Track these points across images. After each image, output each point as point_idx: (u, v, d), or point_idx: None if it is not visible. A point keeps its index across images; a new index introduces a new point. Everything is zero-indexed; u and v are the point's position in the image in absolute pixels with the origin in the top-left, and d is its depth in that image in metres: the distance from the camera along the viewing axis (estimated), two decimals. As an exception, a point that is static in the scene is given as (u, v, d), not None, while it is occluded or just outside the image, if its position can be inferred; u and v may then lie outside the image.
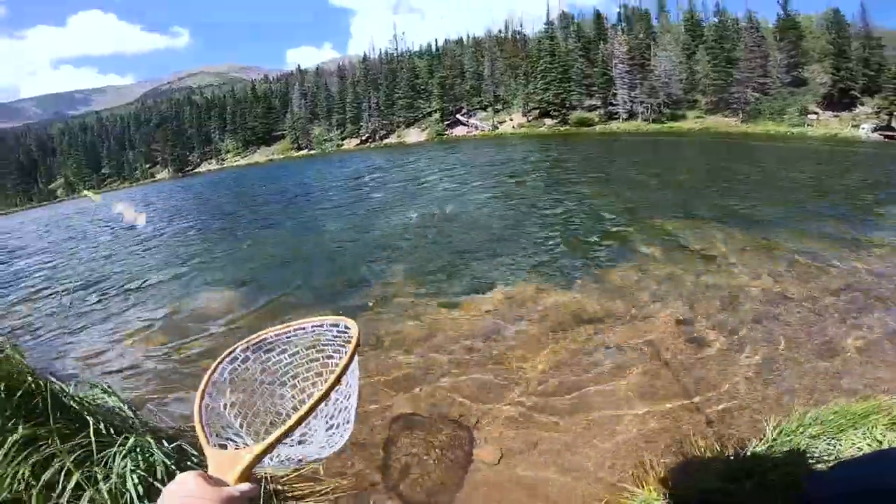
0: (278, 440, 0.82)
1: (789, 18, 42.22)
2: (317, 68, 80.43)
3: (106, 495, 1.45)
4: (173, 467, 1.69)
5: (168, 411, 2.69)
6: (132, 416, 2.04)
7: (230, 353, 1.15)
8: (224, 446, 0.90)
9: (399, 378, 2.99)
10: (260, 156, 61.93)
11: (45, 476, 1.42)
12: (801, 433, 1.88)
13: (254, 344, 1.20)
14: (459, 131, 49.86)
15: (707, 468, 1.90)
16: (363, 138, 55.98)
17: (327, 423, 1.14)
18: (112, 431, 1.73)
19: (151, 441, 1.71)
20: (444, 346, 3.38)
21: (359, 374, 1.16)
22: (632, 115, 40.96)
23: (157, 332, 4.28)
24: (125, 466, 1.58)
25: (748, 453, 1.87)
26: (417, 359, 3.23)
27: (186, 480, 0.55)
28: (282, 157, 58.22)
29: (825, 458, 1.79)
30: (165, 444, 1.76)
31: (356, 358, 1.06)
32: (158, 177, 66.21)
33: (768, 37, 40.68)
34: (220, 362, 1.10)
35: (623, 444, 2.22)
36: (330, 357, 1.23)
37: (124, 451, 1.59)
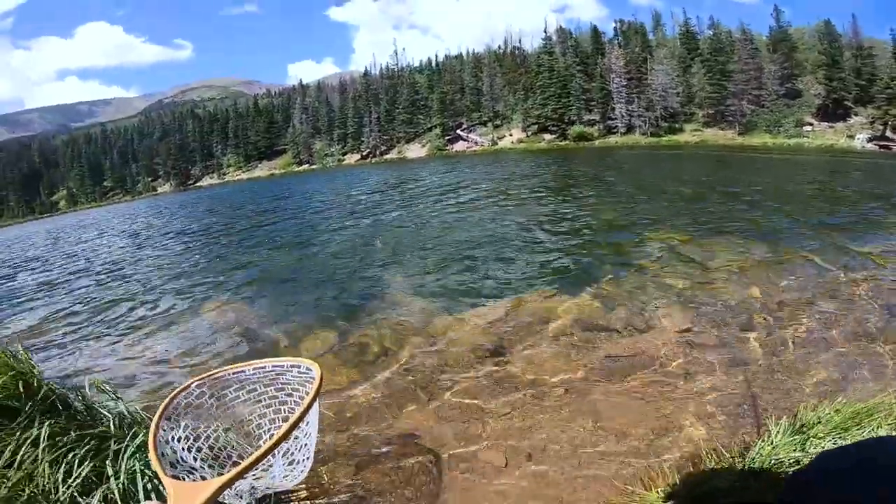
0: (240, 474, 0.83)
1: (782, 31, 42.93)
2: (318, 83, 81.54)
3: (116, 492, 1.46)
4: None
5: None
6: (139, 418, 2.04)
7: (185, 387, 1.17)
8: (180, 478, 0.92)
9: (404, 383, 3.00)
10: (261, 170, 62.44)
11: (61, 470, 1.43)
12: (806, 433, 1.89)
13: (213, 379, 1.23)
14: (459, 146, 50.27)
15: (715, 470, 1.90)
16: (364, 153, 56.51)
17: (287, 458, 1.17)
18: (122, 431, 1.75)
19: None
20: (451, 352, 3.39)
21: (318, 412, 1.18)
22: (630, 129, 41.27)
23: (162, 344, 4.29)
24: (133, 465, 1.59)
25: (755, 455, 1.87)
26: (424, 363, 3.25)
27: None
28: (282, 171, 58.63)
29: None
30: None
31: (318, 398, 1.08)
32: (160, 190, 66.68)
33: (762, 49, 41.34)
34: (174, 397, 1.12)
35: (630, 448, 2.22)
36: (289, 395, 1.24)
37: (133, 449, 1.60)
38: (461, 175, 19.95)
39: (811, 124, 36.29)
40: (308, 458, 1.20)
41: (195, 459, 1.09)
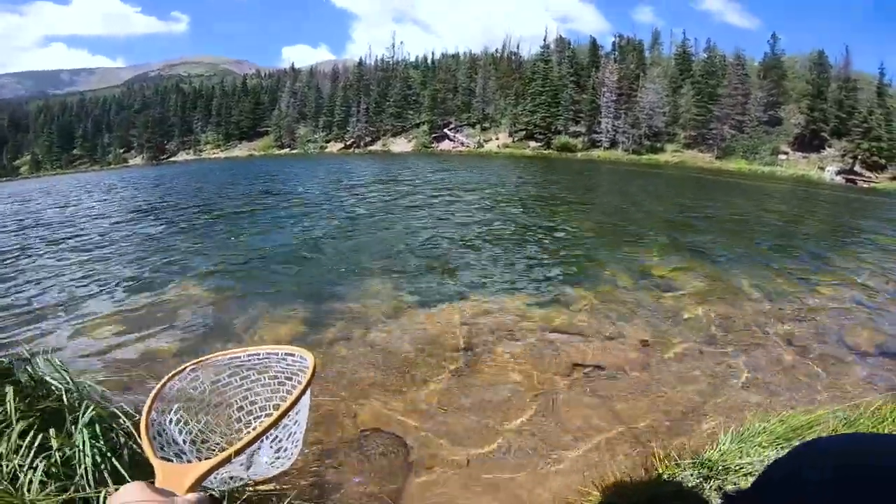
0: (229, 458, 0.84)
1: (775, 57, 43.61)
2: (311, 68, 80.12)
3: (58, 466, 1.41)
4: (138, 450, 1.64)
5: (129, 399, 2.60)
6: (92, 393, 1.97)
7: (180, 371, 1.16)
8: (168, 460, 0.91)
9: (372, 378, 2.99)
10: (240, 150, 60.91)
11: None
12: (751, 441, 1.98)
13: (207, 364, 1.21)
14: (445, 145, 50.13)
15: (667, 475, 1.97)
16: (348, 143, 55.80)
17: (275, 445, 1.18)
18: (73, 406, 1.68)
19: (120, 414, 1.68)
20: (417, 354, 3.40)
21: (309, 402, 1.17)
22: (614, 144, 41.70)
23: (123, 322, 4.14)
24: (83, 439, 1.53)
25: (704, 460, 1.94)
26: (392, 359, 3.25)
27: (131, 489, 0.55)
28: (262, 153, 57.36)
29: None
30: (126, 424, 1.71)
31: (310, 388, 1.08)
32: (132, 162, 64.14)
33: (752, 75, 41.78)
34: (168, 379, 1.12)
35: (589, 450, 2.29)
36: (282, 384, 1.24)
37: (84, 423, 1.54)
38: (451, 175, 19.98)
39: (786, 153, 37.51)
40: (296, 446, 1.21)
41: (184, 442, 1.10)
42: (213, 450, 1.16)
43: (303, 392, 1.03)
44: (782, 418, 2.13)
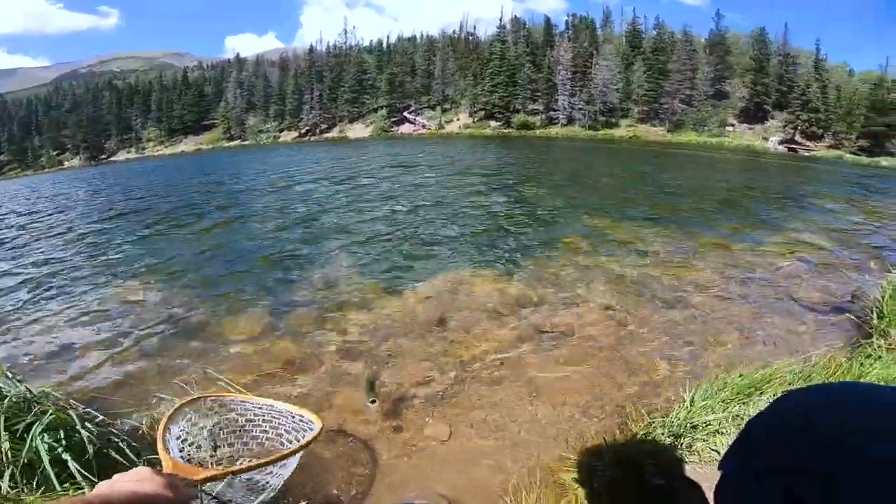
0: (238, 472, 0.98)
1: (720, 34, 45.44)
2: (257, 57, 76.24)
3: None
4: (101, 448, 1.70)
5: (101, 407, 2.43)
6: (44, 400, 1.83)
7: (195, 399, 1.33)
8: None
9: (344, 357, 2.93)
10: (186, 145, 57.47)
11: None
12: (716, 397, 2.08)
13: (220, 400, 1.41)
14: (406, 129, 49.33)
15: (639, 434, 2.04)
16: (303, 131, 53.95)
17: (266, 479, 1.34)
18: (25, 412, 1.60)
19: (74, 417, 1.62)
20: (387, 331, 3.37)
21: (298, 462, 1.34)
22: (570, 121, 42.66)
23: (69, 327, 3.83)
24: (37, 444, 1.47)
25: (673, 419, 2.02)
26: (361, 343, 3.20)
27: (141, 469, 0.60)
28: (211, 146, 54.51)
29: (738, 418, 1.99)
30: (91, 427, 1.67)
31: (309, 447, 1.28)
32: (67, 164, 59.32)
33: (699, 51, 43.66)
34: (185, 403, 1.27)
35: (563, 416, 2.35)
36: (280, 435, 1.41)
37: (41, 428, 1.53)
38: (411, 157, 19.70)
39: (733, 125, 39.76)
40: (274, 490, 1.38)
41: (185, 458, 1.24)
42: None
43: (305, 446, 1.22)
44: (742, 374, 2.24)
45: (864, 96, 35.30)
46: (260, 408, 1.42)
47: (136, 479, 0.58)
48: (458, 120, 49.00)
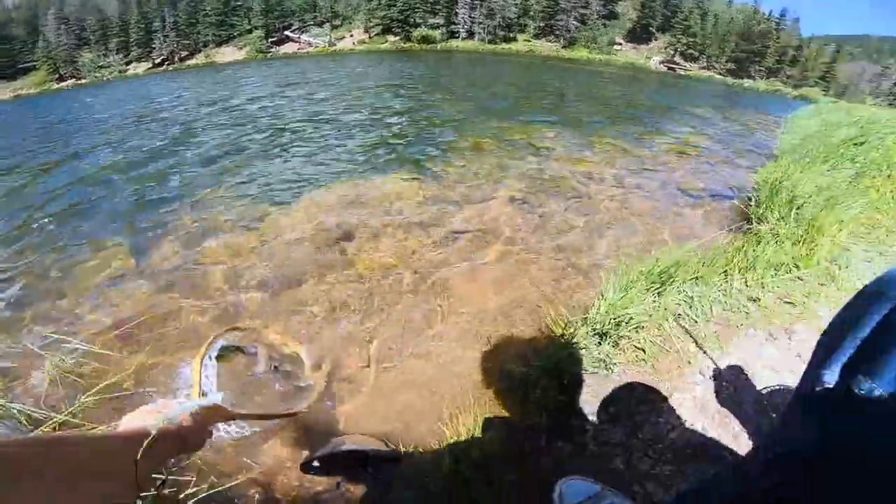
0: (252, 417, 1.10)
1: (615, -43, 46.38)
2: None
3: None
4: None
5: None
6: None
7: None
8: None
9: (237, 287, 2.36)
10: (1, 93, 44.85)
11: None
12: (634, 288, 1.97)
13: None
14: (289, 48, 44.25)
15: (565, 337, 1.87)
16: (157, 61, 45.64)
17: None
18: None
19: None
20: (284, 247, 2.85)
21: None
22: (471, 35, 42.21)
23: None
24: None
25: (594, 316, 1.88)
26: (256, 263, 2.65)
27: (162, 401, 0.66)
28: (37, 91, 43.16)
29: (657, 310, 1.91)
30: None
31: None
32: None
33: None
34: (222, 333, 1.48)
35: (485, 324, 2.12)
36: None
37: None
38: (302, 77, 17.35)
39: (620, 44, 42.34)
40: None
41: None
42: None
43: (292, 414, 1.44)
44: (654, 262, 2.16)
45: (738, 26, 39.69)
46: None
47: (163, 409, 0.62)
48: (351, 36, 45.12)
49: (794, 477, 0.36)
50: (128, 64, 46.33)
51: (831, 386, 0.35)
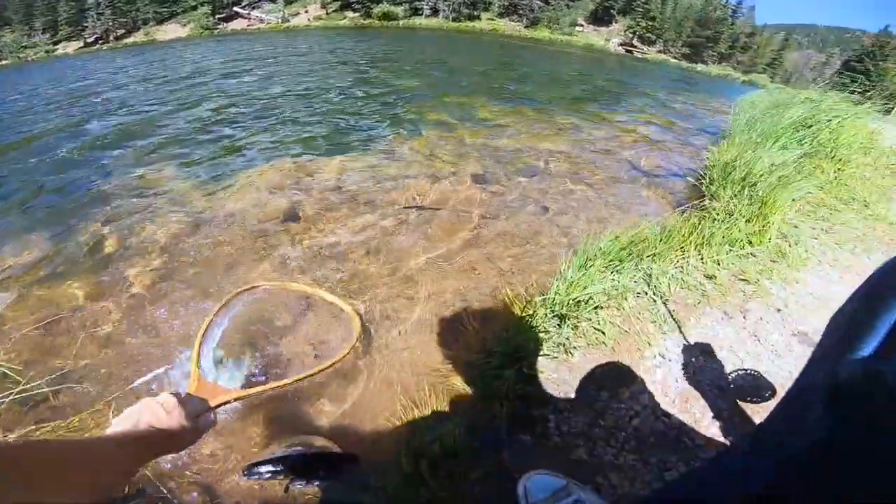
0: (258, 393, 1.05)
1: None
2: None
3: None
4: None
5: None
6: None
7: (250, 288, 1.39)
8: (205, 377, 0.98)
9: (174, 278, 2.14)
10: None
11: None
12: (592, 266, 1.93)
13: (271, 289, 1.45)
14: (238, 24, 41.79)
15: (524, 318, 1.81)
16: (90, 40, 41.94)
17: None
18: None
19: None
20: (227, 230, 2.63)
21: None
22: (435, 13, 41.39)
23: None
24: None
25: (553, 297, 1.83)
26: (194, 247, 2.43)
27: (166, 397, 0.66)
28: None
29: (616, 289, 1.88)
30: None
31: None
32: None
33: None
34: (235, 295, 1.31)
35: (444, 307, 2.02)
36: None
37: None
38: (252, 54, 16.32)
39: (582, 25, 42.89)
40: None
41: (222, 360, 1.26)
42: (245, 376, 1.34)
43: (345, 356, 1.35)
44: (611, 240, 2.13)
45: (696, 11, 41.01)
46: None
47: (163, 408, 0.61)
48: (306, 12, 42.98)
49: (794, 478, 0.34)
50: (56, 44, 42.26)
51: (861, 373, 0.32)
